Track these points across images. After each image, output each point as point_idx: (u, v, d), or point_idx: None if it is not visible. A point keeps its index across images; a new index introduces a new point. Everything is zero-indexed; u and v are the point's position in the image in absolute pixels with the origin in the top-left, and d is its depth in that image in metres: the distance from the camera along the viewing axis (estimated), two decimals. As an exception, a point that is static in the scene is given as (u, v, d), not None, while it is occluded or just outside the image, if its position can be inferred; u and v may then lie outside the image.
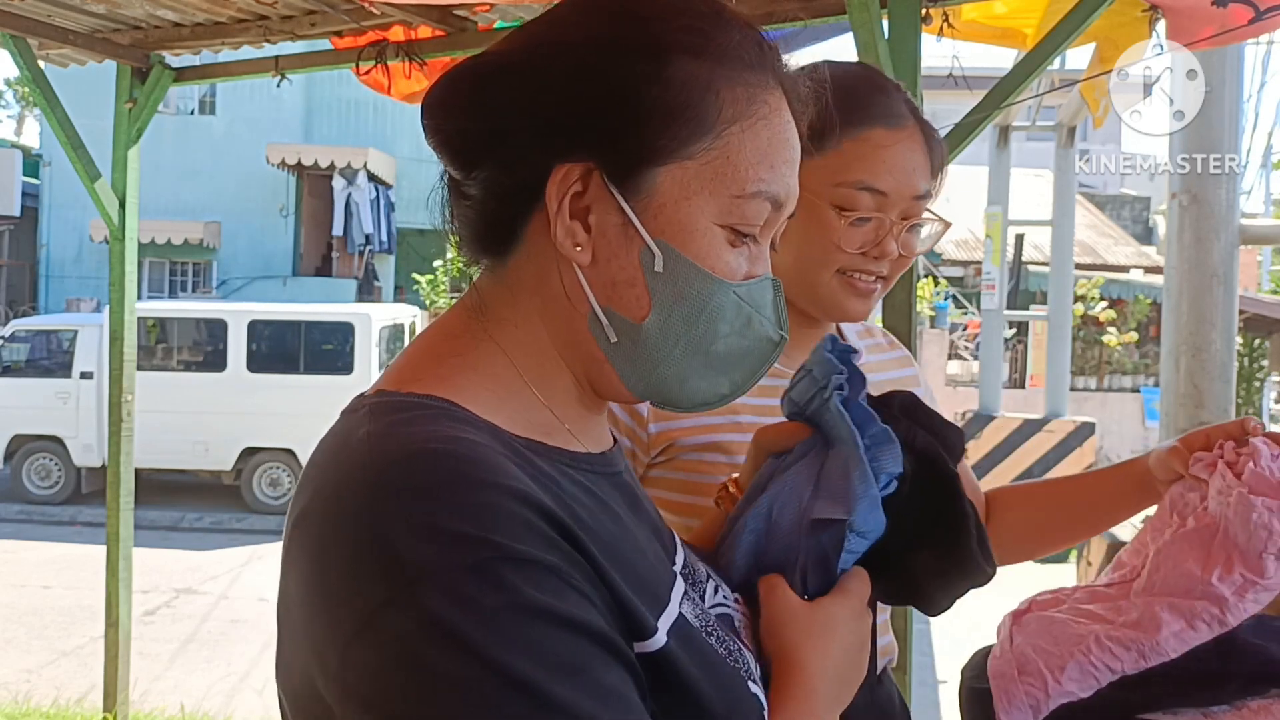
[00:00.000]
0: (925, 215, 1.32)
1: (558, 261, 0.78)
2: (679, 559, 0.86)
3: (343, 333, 11.43)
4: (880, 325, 1.65)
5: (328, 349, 11.53)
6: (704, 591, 0.85)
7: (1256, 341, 14.96)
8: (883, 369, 1.47)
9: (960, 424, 10.78)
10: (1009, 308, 10.84)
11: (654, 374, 0.79)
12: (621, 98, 0.75)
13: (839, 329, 1.47)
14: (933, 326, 13.91)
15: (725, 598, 0.87)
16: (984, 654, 1.30)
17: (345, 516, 0.65)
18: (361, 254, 19.17)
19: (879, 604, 1.21)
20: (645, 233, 0.76)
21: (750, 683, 0.78)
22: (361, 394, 0.77)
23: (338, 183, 18.57)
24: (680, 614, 0.76)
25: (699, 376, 0.80)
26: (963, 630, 5.47)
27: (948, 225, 1.35)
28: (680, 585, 0.80)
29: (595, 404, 0.85)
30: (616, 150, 0.75)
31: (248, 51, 4.15)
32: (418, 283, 14.76)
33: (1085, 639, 1.17)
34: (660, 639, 0.71)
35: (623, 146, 0.75)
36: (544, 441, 0.77)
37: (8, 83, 29.12)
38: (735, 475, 1.06)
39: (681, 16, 0.78)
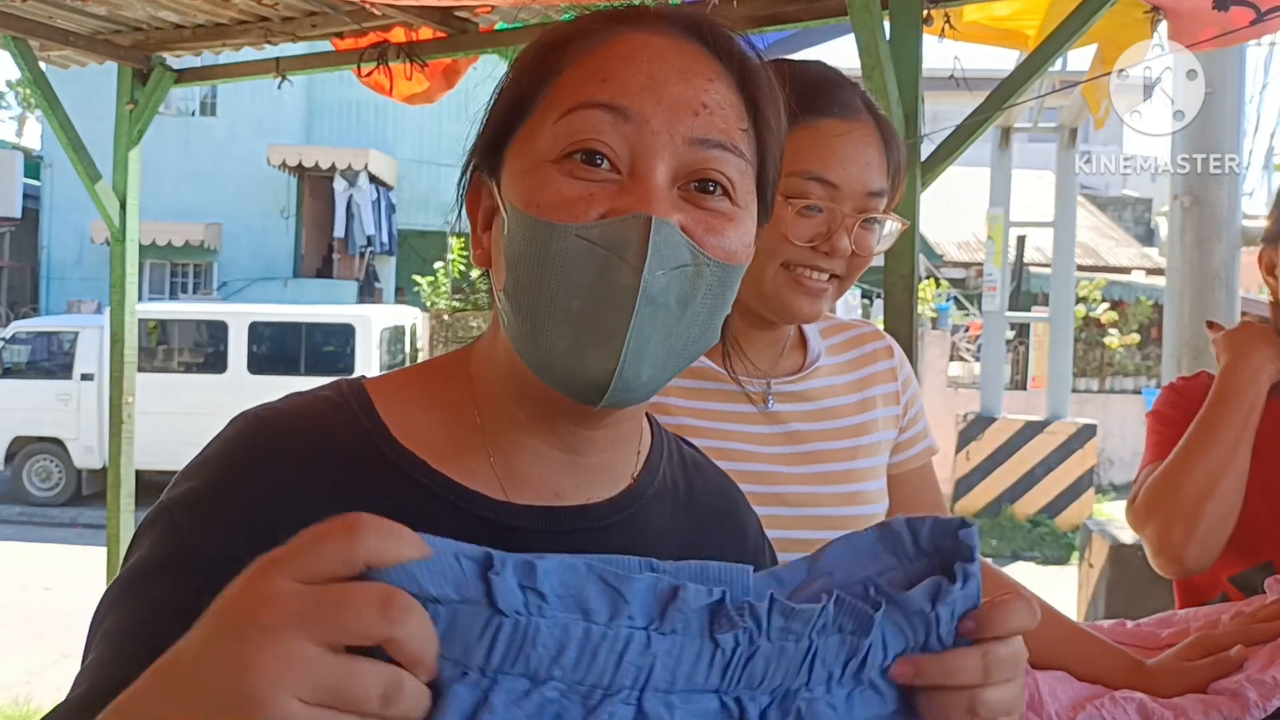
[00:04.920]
0: (879, 213, 1.23)
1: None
2: None
3: (344, 334, 11.44)
4: (860, 319, 1.56)
5: (329, 351, 11.54)
6: None
7: (1258, 343, 14.95)
8: (844, 371, 1.37)
9: (961, 426, 10.80)
10: (1010, 309, 10.84)
11: (535, 347, 0.70)
12: (492, 102, 0.77)
13: (799, 326, 1.36)
14: (934, 328, 13.90)
15: None
16: None
17: None
18: (362, 256, 19.17)
19: None
20: (499, 200, 0.73)
21: None
22: None
23: (339, 184, 18.58)
24: None
25: (576, 344, 0.69)
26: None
27: (905, 225, 1.28)
28: None
29: (566, 442, 0.77)
30: (483, 148, 0.77)
31: (249, 53, 4.15)
32: (419, 284, 14.77)
33: (1103, 694, 1.18)
34: None
35: (485, 142, 0.76)
36: (426, 460, 0.75)
37: (9, 84, 29.11)
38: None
39: (554, 25, 0.78)
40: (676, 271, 0.68)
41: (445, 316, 14.33)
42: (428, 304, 14.61)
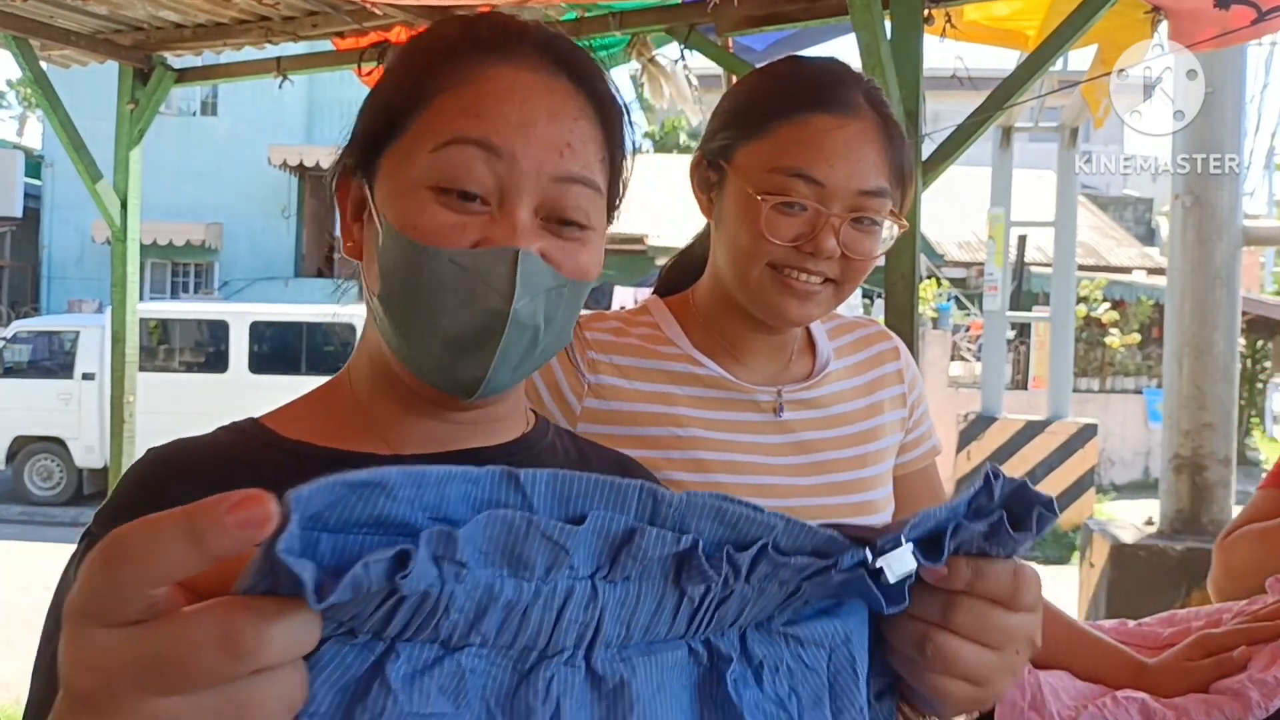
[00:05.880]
0: (876, 214, 1.16)
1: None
2: None
3: (345, 334, 11.44)
4: (865, 317, 1.50)
5: (329, 350, 11.54)
6: None
7: (1259, 343, 14.96)
8: (852, 375, 1.34)
9: (962, 425, 10.79)
10: (1011, 309, 10.83)
11: (408, 349, 0.78)
12: (365, 108, 0.83)
13: (807, 327, 1.33)
14: (935, 328, 13.89)
15: None
16: None
17: None
18: (363, 255, 19.16)
19: None
20: (374, 211, 0.79)
21: None
22: None
23: (340, 184, 18.56)
24: None
25: (447, 354, 0.77)
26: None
27: (904, 227, 1.22)
28: None
29: (448, 411, 0.83)
30: (358, 149, 0.82)
31: (249, 52, 4.15)
32: (419, 284, 14.78)
33: (1105, 694, 1.17)
34: None
35: (360, 144, 0.82)
36: (310, 441, 0.81)
37: (10, 84, 29.11)
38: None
39: (430, 30, 0.83)
40: (541, 295, 0.76)
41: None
42: (428, 303, 14.61)
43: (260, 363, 11.33)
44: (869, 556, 0.57)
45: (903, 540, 0.57)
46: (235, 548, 0.40)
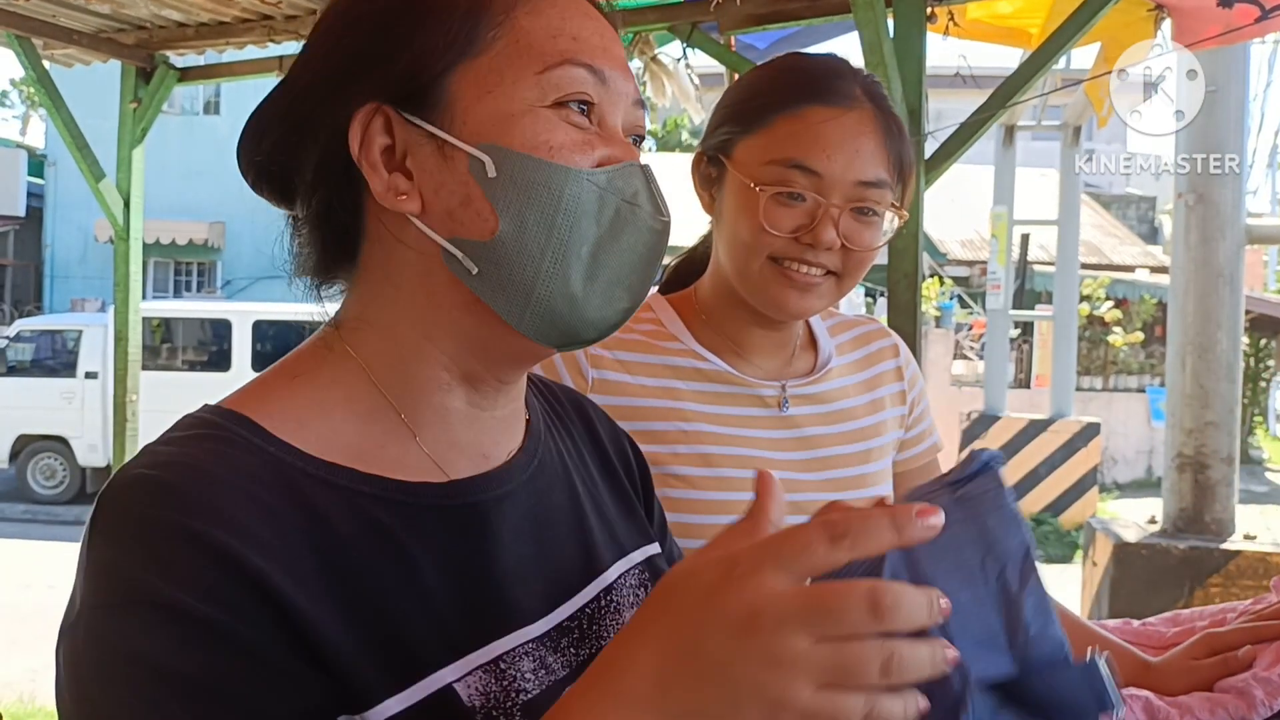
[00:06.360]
0: (876, 205, 1.17)
1: (398, 228, 0.72)
2: (565, 609, 0.76)
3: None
4: (864, 315, 1.49)
5: (332, 349, 11.56)
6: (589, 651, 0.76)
7: (1262, 341, 14.93)
8: (853, 371, 1.35)
9: (965, 424, 10.78)
10: (1014, 308, 10.83)
11: (534, 295, 0.69)
12: (386, 26, 0.71)
13: (808, 321, 1.34)
14: (938, 326, 13.88)
15: None
16: None
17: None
18: (366, 254, 19.17)
19: None
20: (461, 143, 0.69)
21: None
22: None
23: (342, 183, 18.56)
24: (449, 688, 0.65)
25: (587, 290, 0.70)
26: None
27: (904, 217, 1.21)
28: (502, 647, 0.69)
29: (486, 399, 0.76)
30: (397, 78, 0.70)
31: (252, 51, 4.16)
32: (422, 283, 14.79)
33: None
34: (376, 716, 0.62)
35: (401, 71, 0.70)
36: (354, 467, 0.68)
37: (13, 83, 29.12)
38: None
39: None
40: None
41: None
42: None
43: (263, 361, 11.33)
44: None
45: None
46: None
